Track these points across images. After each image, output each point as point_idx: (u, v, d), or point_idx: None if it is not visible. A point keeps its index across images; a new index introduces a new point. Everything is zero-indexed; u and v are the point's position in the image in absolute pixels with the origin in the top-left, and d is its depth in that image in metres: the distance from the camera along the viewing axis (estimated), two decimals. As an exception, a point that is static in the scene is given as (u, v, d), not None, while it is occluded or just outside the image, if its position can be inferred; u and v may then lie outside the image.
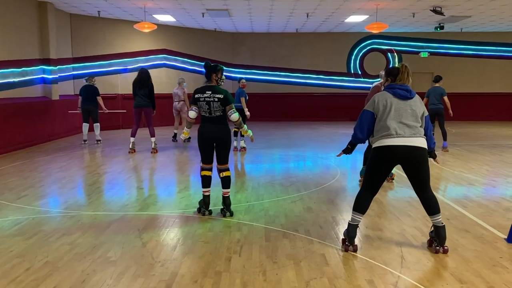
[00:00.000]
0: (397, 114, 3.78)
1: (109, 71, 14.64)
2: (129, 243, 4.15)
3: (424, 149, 3.80)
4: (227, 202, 5.00)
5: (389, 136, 3.75)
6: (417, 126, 3.78)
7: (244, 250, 3.94)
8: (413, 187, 3.93)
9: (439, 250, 3.85)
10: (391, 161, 3.83)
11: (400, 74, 3.94)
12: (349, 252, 3.90)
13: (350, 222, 3.96)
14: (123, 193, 6.21)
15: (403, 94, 3.83)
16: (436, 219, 3.85)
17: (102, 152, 10.09)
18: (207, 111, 4.81)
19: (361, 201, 3.95)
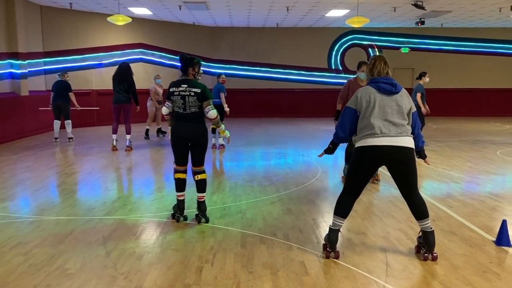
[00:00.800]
0: (382, 111, 3.47)
1: (83, 66, 14.09)
2: (91, 252, 3.78)
3: (411, 149, 3.51)
4: (203, 207, 4.59)
5: (373, 135, 3.45)
6: (403, 124, 3.48)
7: (217, 259, 3.62)
8: (400, 190, 3.64)
9: (428, 257, 3.57)
10: (375, 162, 3.55)
11: (374, 67, 3.61)
12: (332, 259, 3.62)
13: (331, 227, 3.66)
14: (91, 195, 5.81)
15: (388, 88, 3.51)
16: (425, 224, 3.57)
17: (74, 151, 9.62)
18: (182, 106, 4.39)
19: (342, 205, 3.65)
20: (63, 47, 13.59)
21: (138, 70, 15.12)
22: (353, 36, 18.41)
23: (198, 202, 4.62)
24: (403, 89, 3.58)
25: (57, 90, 10.58)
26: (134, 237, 4.16)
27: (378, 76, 3.61)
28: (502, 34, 18.21)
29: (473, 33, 18.17)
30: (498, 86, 18.52)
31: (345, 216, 3.65)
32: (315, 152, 9.32)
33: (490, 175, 7.05)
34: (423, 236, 3.61)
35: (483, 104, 18.44)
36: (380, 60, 3.64)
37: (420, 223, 3.59)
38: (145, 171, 7.51)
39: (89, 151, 9.38)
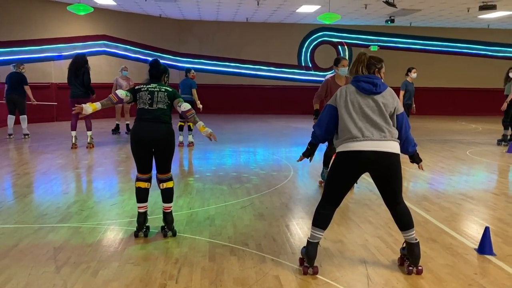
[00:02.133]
0: (362, 112, 3.17)
1: (41, 57, 13.31)
2: (39, 268, 3.33)
3: (397, 155, 3.20)
4: (169, 219, 4.02)
5: (354, 139, 3.15)
6: (387, 128, 3.17)
7: (183, 275, 3.25)
8: (383, 198, 3.35)
9: (412, 270, 3.28)
10: (357, 168, 3.24)
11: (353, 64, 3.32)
12: (309, 273, 3.31)
13: (309, 240, 3.30)
14: (44, 199, 5.29)
15: (367, 88, 3.18)
16: (409, 235, 3.27)
17: (29, 149, 8.97)
18: (148, 101, 3.86)
19: (321, 215, 3.31)
20: (19, 37, 12.76)
21: (101, 63, 14.47)
22: (323, 33, 18.30)
23: (163, 213, 4.04)
24: (387, 89, 3.26)
25: (11, 82, 9.87)
26: (89, 249, 3.72)
27: (359, 74, 3.28)
28: (468, 35, 18.53)
29: (441, 33, 18.41)
30: (463, 85, 18.86)
31: (324, 227, 3.32)
32: (285, 151, 9.10)
33: (462, 175, 6.97)
34: (408, 248, 3.32)
35: (449, 103, 18.73)
36: (358, 58, 3.33)
37: (405, 234, 3.30)
38: (106, 171, 7.01)
39: (46, 148, 8.76)
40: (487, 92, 18.24)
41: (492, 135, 11.88)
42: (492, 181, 6.77)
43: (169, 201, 4.04)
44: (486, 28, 18.10)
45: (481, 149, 9.70)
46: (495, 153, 9.17)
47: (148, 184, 4.04)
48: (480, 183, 6.56)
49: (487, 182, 6.66)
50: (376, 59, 3.33)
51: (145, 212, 4.01)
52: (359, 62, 3.30)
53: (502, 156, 8.86)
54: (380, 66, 3.32)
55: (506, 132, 10.31)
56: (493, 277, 3.32)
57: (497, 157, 8.74)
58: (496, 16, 15.01)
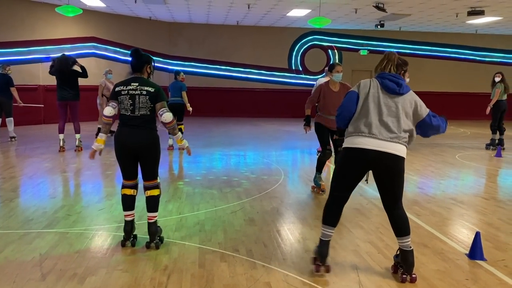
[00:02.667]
0: (379, 109, 3.15)
1: (29, 59, 13.11)
2: (24, 276, 3.24)
3: (401, 158, 3.16)
4: (152, 230, 3.77)
5: (359, 134, 3.14)
6: (397, 130, 3.14)
7: (172, 282, 3.18)
8: (382, 200, 3.33)
9: (406, 278, 3.23)
10: (361, 166, 3.22)
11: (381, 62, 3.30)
12: (300, 280, 3.27)
13: (321, 238, 3.34)
14: (30, 204, 5.18)
15: (391, 87, 3.16)
16: (405, 242, 3.23)
17: (16, 152, 8.83)
18: (130, 108, 3.67)
19: (330, 212, 3.34)
20: (6, 38, 12.57)
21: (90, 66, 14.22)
22: (313, 37, 18.34)
23: (148, 224, 3.81)
24: (410, 92, 3.22)
25: (-3, 84, 9.71)
26: (76, 256, 3.64)
27: (383, 72, 3.26)
28: (457, 39, 18.72)
29: (430, 37, 18.58)
30: (452, 90, 19.03)
31: (334, 224, 3.33)
32: (276, 154, 9.08)
33: (452, 180, 7.00)
34: (402, 255, 3.27)
35: (437, 107, 18.76)
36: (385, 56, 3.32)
37: (400, 241, 3.25)
38: (94, 175, 6.90)
39: (33, 152, 8.61)
40: (475, 97, 18.42)
41: (480, 139, 11.99)
42: (481, 185, 6.81)
43: (153, 210, 3.81)
44: (474, 33, 18.31)
45: (470, 153, 9.77)
46: (484, 157, 9.24)
47: (134, 191, 3.88)
48: (470, 187, 6.59)
49: (476, 186, 6.69)
50: (404, 61, 3.32)
51: (132, 220, 3.85)
52: (389, 60, 3.28)
53: (490, 160, 8.93)
54: (406, 69, 3.32)
55: (494, 137, 10.40)
56: (484, 283, 3.32)
57: (486, 161, 8.80)
58: (483, 22, 15.18)
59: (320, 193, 5.86)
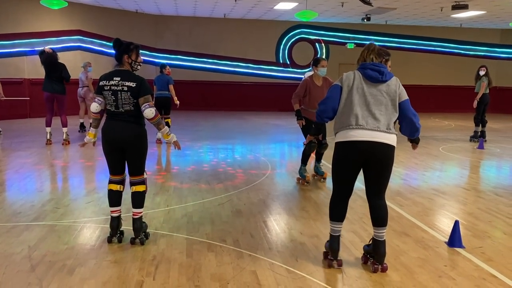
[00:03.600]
0: (364, 100, 3.18)
1: (13, 52, 12.97)
2: (14, 267, 3.29)
3: (392, 147, 3.20)
4: (136, 226, 3.74)
5: (350, 127, 3.18)
6: (384, 119, 3.17)
7: (160, 271, 3.26)
8: (366, 190, 3.38)
9: (378, 268, 3.30)
10: (356, 157, 3.22)
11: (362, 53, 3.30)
12: (285, 268, 3.37)
13: (331, 234, 3.39)
14: (17, 197, 5.20)
15: (374, 76, 3.18)
16: (380, 232, 3.29)
17: (1, 146, 8.77)
18: (113, 104, 3.62)
19: (335, 209, 3.38)
20: (-10, 31, 12.41)
21: (76, 59, 14.20)
22: (300, 30, 18.40)
23: (133, 219, 3.77)
24: (393, 78, 3.25)
25: (-19, 78, 9.61)
26: (65, 247, 3.69)
27: (364, 62, 3.28)
28: (442, 33, 18.94)
29: (415, 31, 18.78)
30: (437, 83, 19.30)
31: (341, 219, 3.38)
32: (263, 147, 9.16)
33: (435, 171, 7.16)
34: (374, 245, 3.33)
35: (423, 100, 19.10)
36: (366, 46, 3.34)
37: (376, 231, 3.31)
38: (82, 168, 6.91)
39: (19, 146, 8.57)
40: (460, 90, 18.72)
41: (464, 132, 12.22)
42: (464, 176, 6.98)
43: (138, 206, 3.77)
44: (459, 27, 18.55)
45: (453, 145, 9.97)
46: (467, 150, 9.44)
47: (120, 187, 3.83)
48: (452, 178, 6.75)
49: (458, 177, 6.86)
50: (385, 51, 3.36)
51: (119, 216, 3.81)
52: (369, 50, 3.30)
53: (473, 152, 9.13)
54: (388, 58, 3.34)
55: (477, 129, 10.62)
56: (461, 269, 3.45)
57: (469, 153, 9.00)
58: (468, 16, 15.39)
59: (305, 185, 5.97)
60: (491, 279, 3.27)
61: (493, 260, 3.62)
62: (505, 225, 4.53)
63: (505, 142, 10.70)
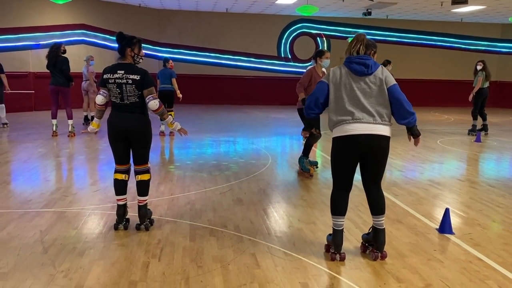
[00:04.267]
0: (353, 95, 3.23)
1: (18, 46, 13.13)
2: (27, 249, 3.50)
3: (387, 138, 3.30)
4: (142, 213, 3.93)
5: (346, 123, 3.24)
6: (377, 111, 3.24)
7: (165, 254, 3.46)
8: (363, 180, 3.48)
9: (377, 255, 3.43)
10: (355, 150, 3.29)
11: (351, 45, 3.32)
12: (282, 251, 3.57)
13: (334, 228, 3.46)
14: (27, 186, 5.41)
15: (359, 69, 3.22)
16: (379, 221, 3.40)
17: (8, 137, 8.97)
18: (118, 96, 3.75)
19: (336, 202, 3.45)
20: (-4, 25, 12.58)
21: (80, 53, 14.35)
22: (302, 25, 18.50)
23: (138, 206, 3.97)
24: (379, 68, 3.28)
25: (-13, 71, 9.81)
26: (74, 232, 3.90)
27: (351, 55, 3.32)
28: (442, 28, 19.02)
29: (416, 26, 18.85)
30: (437, 77, 19.41)
31: (343, 213, 3.45)
32: (265, 140, 9.35)
33: (432, 163, 7.34)
34: (374, 233, 3.45)
35: (423, 94, 19.23)
36: (354, 38, 3.36)
37: (375, 219, 3.43)
38: (88, 159, 7.12)
39: (26, 138, 8.78)
40: (460, 84, 18.81)
41: (463, 125, 12.37)
42: (460, 168, 7.15)
43: (143, 194, 3.96)
44: (460, 22, 18.62)
45: (451, 138, 10.14)
46: (465, 143, 9.61)
47: (125, 176, 3.97)
48: (448, 170, 6.93)
49: (454, 169, 7.04)
50: (373, 42, 3.40)
51: (125, 204, 3.96)
52: (358, 41, 3.33)
53: (470, 145, 9.30)
54: (375, 50, 3.39)
55: (475, 123, 10.79)
56: (450, 253, 3.65)
57: (466, 146, 9.16)
58: (468, 10, 15.47)
59: (309, 178, 6.10)
60: (477, 262, 3.47)
61: (480, 245, 3.81)
62: (495, 214, 4.72)
63: (504, 136, 10.86)
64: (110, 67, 3.83)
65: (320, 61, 6.02)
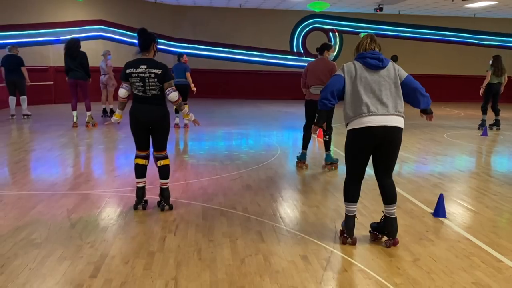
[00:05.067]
0: (370, 88, 3.40)
1: (39, 41, 13.66)
2: (56, 225, 3.91)
3: (401, 129, 3.46)
4: (166, 195, 4.32)
5: (362, 115, 3.39)
6: (392, 102, 3.40)
7: (180, 230, 3.84)
8: (375, 171, 3.63)
9: (391, 243, 3.57)
10: (370, 142, 3.45)
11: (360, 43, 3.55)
12: (286, 229, 3.92)
13: (346, 214, 3.63)
14: (52, 171, 5.85)
15: (374, 63, 3.41)
16: (391, 209, 3.56)
17: (31, 128, 9.47)
18: (141, 89, 4.06)
19: (349, 191, 3.62)
20: (16, 21, 13.10)
21: (98, 48, 14.84)
22: (314, 20, 18.73)
23: (161, 189, 4.35)
24: (390, 62, 3.49)
25: (9, 65, 10.31)
26: (98, 211, 4.30)
27: (365, 51, 3.51)
28: (455, 23, 19.07)
29: (429, 21, 18.93)
30: (450, 72, 19.46)
31: (355, 201, 3.61)
32: (276, 133, 9.68)
33: (436, 156, 7.59)
34: (386, 222, 3.59)
35: (435, 89, 19.25)
36: (366, 36, 3.58)
37: (387, 208, 3.57)
38: (107, 148, 7.54)
39: (48, 128, 9.25)
40: (473, 79, 18.82)
41: (472, 120, 12.52)
42: (462, 160, 7.39)
43: (165, 177, 4.32)
44: (473, 17, 18.64)
45: (458, 132, 10.33)
46: (471, 136, 9.80)
47: (145, 161, 4.32)
48: (450, 162, 7.18)
49: (457, 161, 7.29)
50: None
51: (143, 187, 4.32)
52: (372, 39, 3.55)
53: (476, 139, 9.50)
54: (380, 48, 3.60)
55: (484, 117, 10.94)
56: (441, 234, 3.95)
57: (472, 140, 9.37)
58: (480, 6, 15.53)
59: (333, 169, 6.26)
60: (465, 242, 3.77)
61: (471, 228, 4.11)
62: (489, 201, 4.99)
63: (511, 130, 11.00)
64: (132, 62, 4.11)
65: (328, 54, 6.31)
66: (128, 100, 4.35)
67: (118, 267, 3.12)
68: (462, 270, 3.21)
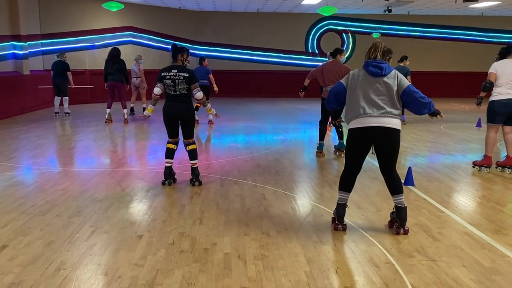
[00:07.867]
0: (366, 91, 3.73)
1: (77, 47, 15.20)
2: (111, 189, 5.21)
3: (397, 130, 3.77)
4: (196, 173, 5.35)
5: (359, 116, 3.74)
6: (387, 106, 3.70)
7: (203, 193, 5.10)
8: (380, 167, 4.00)
9: (400, 231, 3.89)
10: (366, 141, 3.82)
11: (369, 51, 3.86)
12: (284, 193, 5.13)
13: (338, 202, 4.00)
14: (100, 155, 7.22)
15: (374, 71, 3.73)
16: (399, 199, 3.89)
17: (74, 123, 10.91)
18: (172, 88, 5.10)
19: (345, 181, 3.99)
20: (59, 29, 14.67)
21: (128, 52, 16.33)
22: (328, 22, 19.79)
23: (191, 168, 5.38)
24: (393, 71, 3.76)
25: (57, 69, 11.78)
26: (141, 181, 5.60)
27: (369, 59, 3.83)
28: (464, 22, 19.80)
29: (438, 20, 19.74)
30: (460, 69, 20.22)
31: (349, 190, 3.99)
32: (291, 126, 10.85)
33: (425, 142, 8.63)
34: (396, 211, 3.93)
35: (446, 86, 20.13)
36: (373, 45, 3.88)
37: (395, 198, 3.92)
38: (142, 138, 8.89)
39: (88, 124, 10.68)
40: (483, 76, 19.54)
41: (476, 114, 13.36)
42: (447, 146, 8.38)
43: (194, 158, 5.37)
44: (481, 16, 19.36)
45: (456, 124, 11.28)
46: (467, 128, 10.75)
47: (175, 146, 5.40)
48: (435, 147, 8.22)
49: (442, 146, 8.30)
50: (389, 49, 3.90)
51: (170, 166, 5.38)
52: (375, 48, 3.82)
53: (470, 130, 10.44)
54: (391, 56, 3.91)
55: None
56: (405, 196, 5.04)
57: (466, 130, 10.32)
58: (484, 6, 16.30)
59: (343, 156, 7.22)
60: (421, 201, 4.89)
61: (431, 193, 5.22)
62: (456, 175, 6.07)
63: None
64: (166, 68, 5.23)
65: (340, 57, 7.50)
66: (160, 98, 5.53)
67: (160, 213, 4.39)
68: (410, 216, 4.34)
